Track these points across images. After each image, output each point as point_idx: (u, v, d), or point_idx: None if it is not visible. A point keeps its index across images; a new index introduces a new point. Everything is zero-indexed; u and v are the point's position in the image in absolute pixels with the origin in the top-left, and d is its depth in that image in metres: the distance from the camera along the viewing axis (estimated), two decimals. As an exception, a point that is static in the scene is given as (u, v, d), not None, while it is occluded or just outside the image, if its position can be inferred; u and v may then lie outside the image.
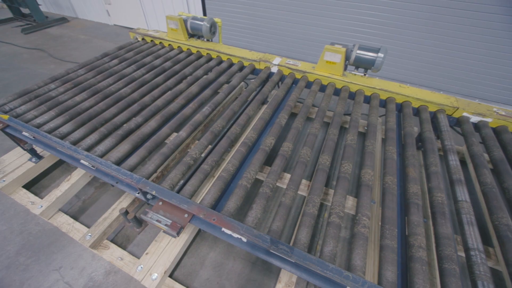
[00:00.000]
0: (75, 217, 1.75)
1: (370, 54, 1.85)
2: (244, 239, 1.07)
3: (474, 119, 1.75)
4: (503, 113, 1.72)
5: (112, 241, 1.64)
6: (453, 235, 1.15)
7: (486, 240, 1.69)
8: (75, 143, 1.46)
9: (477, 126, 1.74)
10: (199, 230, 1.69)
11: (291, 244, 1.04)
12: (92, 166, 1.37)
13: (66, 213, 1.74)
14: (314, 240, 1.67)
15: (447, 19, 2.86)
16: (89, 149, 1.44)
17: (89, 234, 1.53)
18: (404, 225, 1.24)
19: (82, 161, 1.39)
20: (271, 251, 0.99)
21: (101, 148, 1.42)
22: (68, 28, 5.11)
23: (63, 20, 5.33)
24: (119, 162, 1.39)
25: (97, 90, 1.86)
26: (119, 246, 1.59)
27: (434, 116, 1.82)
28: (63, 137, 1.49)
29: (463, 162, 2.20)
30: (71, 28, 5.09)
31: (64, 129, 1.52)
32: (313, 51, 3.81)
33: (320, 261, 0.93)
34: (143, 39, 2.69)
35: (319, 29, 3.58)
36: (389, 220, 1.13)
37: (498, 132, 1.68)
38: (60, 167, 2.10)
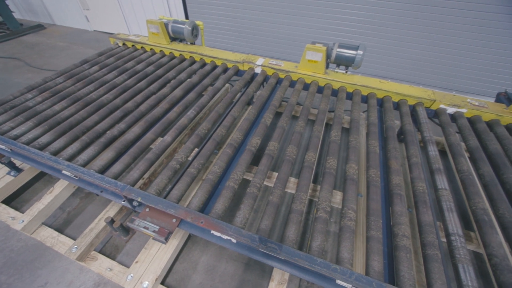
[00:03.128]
0: (60, 230, 1.69)
1: (350, 52, 1.90)
2: (234, 240, 1.08)
3: (451, 110, 1.83)
4: (476, 103, 1.81)
5: (100, 252, 1.60)
6: (434, 222, 1.20)
7: (468, 225, 1.76)
8: (55, 153, 1.42)
9: (453, 117, 1.82)
10: (190, 235, 1.67)
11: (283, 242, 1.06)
12: (75, 176, 1.33)
13: (50, 226, 1.68)
14: (306, 236, 1.69)
15: (423, 16, 2.98)
16: (70, 158, 1.40)
17: (75, 246, 1.48)
18: (389, 216, 1.28)
19: (64, 171, 1.35)
20: (260, 250, 1.00)
21: (83, 157, 1.38)
22: (45, 35, 4.94)
23: (39, 27, 5.14)
24: (102, 171, 1.36)
25: (77, 98, 1.81)
26: (108, 256, 1.55)
27: (413, 109, 1.89)
28: (42, 148, 1.44)
29: (444, 152, 2.30)
30: (48, 35, 4.92)
31: (44, 139, 1.47)
32: (296, 51, 3.86)
33: (309, 256, 0.95)
34: (124, 44, 2.65)
35: (301, 28, 3.63)
36: (373, 211, 1.16)
37: (472, 121, 1.76)
38: (42, 179, 2.03)
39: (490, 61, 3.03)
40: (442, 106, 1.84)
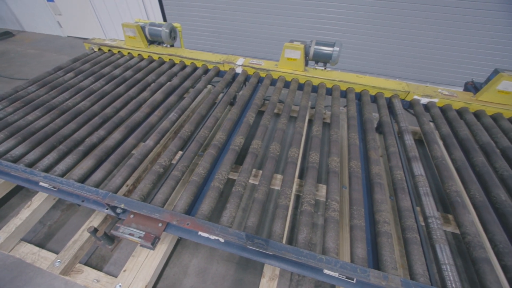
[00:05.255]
0: (41, 245, 1.62)
1: (326, 49, 1.95)
2: (222, 240, 1.08)
3: (424, 100, 1.93)
4: (447, 93, 1.91)
5: (86, 263, 1.55)
6: (413, 207, 1.26)
7: (447, 208, 1.86)
8: (31, 165, 1.36)
9: (426, 107, 1.91)
10: (179, 239, 1.66)
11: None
12: (53, 187, 1.28)
13: (29, 242, 1.61)
14: (295, 231, 1.72)
15: (396, 12, 3.12)
16: (47, 169, 1.35)
17: (59, 260, 1.43)
18: (371, 204, 1.33)
19: (41, 183, 1.30)
20: (248, 247, 1.01)
21: (61, 167, 1.34)
22: (14, 42, 4.69)
23: (7, 34, 4.87)
24: (83, 180, 1.32)
25: (51, 106, 1.74)
26: (94, 267, 1.51)
27: (389, 101, 1.97)
28: (16, 160, 1.37)
29: (421, 140, 2.41)
30: (17, 43, 4.68)
31: (17, 151, 1.40)
32: (275, 50, 3.91)
33: (295, 248, 0.97)
34: (99, 49, 2.57)
35: (280, 28, 3.68)
36: (356, 201, 1.21)
37: (444, 110, 1.87)
38: (18, 193, 1.93)
39: (457, 53, 3.21)
40: (416, 97, 1.94)
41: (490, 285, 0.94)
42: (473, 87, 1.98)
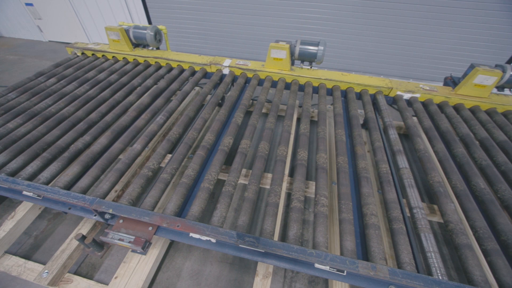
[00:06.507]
0: (27, 257, 1.57)
1: (311, 48, 1.99)
2: (213, 240, 1.08)
3: (406, 96, 1.99)
4: (427, 88, 1.99)
5: (76, 273, 1.51)
6: (399, 199, 1.31)
7: (433, 199, 1.93)
8: (13, 174, 1.32)
9: (409, 102, 1.98)
10: (171, 243, 1.64)
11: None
12: (38, 196, 1.25)
13: (14, 254, 1.55)
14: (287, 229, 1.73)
15: (378, 11, 3.21)
16: (31, 178, 1.31)
17: (46, 271, 1.39)
18: (359, 198, 1.37)
19: (24, 192, 1.26)
20: (239, 245, 1.02)
21: (45, 174, 1.30)
22: (-8, 49, 4.52)
23: (-17, 40, 4.69)
24: (69, 187, 1.29)
25: (33, 113, 1.69)
26: (84, 276, 1.47)
27: (374, 98, 2.02)
28: (-3, 170, 1.33)
29: (406, 135, 2.49)
30: (-5, 49, 4.51)
31: (-2, 160, 1.36)
32: (262, 50, 3.94)
33: (285, 244, 0.99)
34: (83, 53, 2.51)
35: (265, 28, 3.72)
36: (344, 195, 1.24)
37: (426, 104, 1.94)
38: (1, 204, 1.86)
39: (437, 50, 3.34)
40: (399, 93, 2.00)
41: (472, 269, 0.98)
42: (452, 82, 2.07)
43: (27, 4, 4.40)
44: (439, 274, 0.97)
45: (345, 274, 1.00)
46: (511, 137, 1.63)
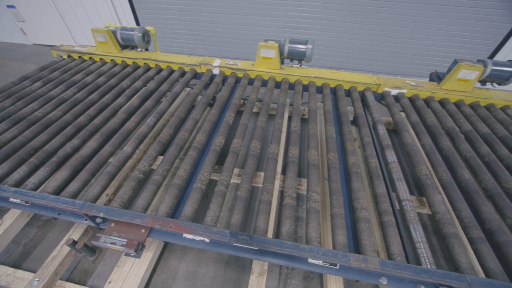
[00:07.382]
0: (16, 266, 1.53)
1: (300, 46, 2.01)
2: (207, 240, 1.08)
3: (394, 92, 2.04)
4: (414, 84, 2.04)
5: (68, 280, 1.48)
6: (388, 192, 1.34)
7: (422, 192, 1.97)
8: (-1, 181, 1.28)
9: (397, 98, 2.02)
10: (166, 245, 1.63)
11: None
12: (25, 202, 1.22)
13: (3, 264, 1.51)
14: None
15: (364, 9, 3.26)
16: (18, 184, 1.28)
17: (37, 279, 1.36)
18: (350, 193, 1.39)
19: (11, 199, 1.23)
20: (233, 244, 1.03)
21: (33, 180, 1.27)
22: (-27, 53, 4.37)
23: (-36, 45, 4.52)
24: (58, 192, 1.26)
25: (18, 118, 1.65)
26: (77, 283, 1.45)
27: (363, 94, 2.06)
28: (-19, 177, 1.29)
29: (395, 130, 2.54)
30: (-24, 54, 4.36)
31: (-18, 168, 1.32)
32: (252, 50, 3.95)
33: (278, 241, 1.00)
34: (69, 56, 2.46)
35: (255, 28, 3.72)
36: (335, 191, 1.26)
37: (412, 100, 1.98)
38: (-13, 213, 1.81)
39: (422, 46, 3.43)
40: (386, 89, 2.04)
41: (458, 257, 1.02)
42: (437, 77, 2.13)
43: (9, 6, 4.27)
44: (427, 263, 1.00)
45: (337, 267, 1.02)
46: (493, 129, 1.69)
